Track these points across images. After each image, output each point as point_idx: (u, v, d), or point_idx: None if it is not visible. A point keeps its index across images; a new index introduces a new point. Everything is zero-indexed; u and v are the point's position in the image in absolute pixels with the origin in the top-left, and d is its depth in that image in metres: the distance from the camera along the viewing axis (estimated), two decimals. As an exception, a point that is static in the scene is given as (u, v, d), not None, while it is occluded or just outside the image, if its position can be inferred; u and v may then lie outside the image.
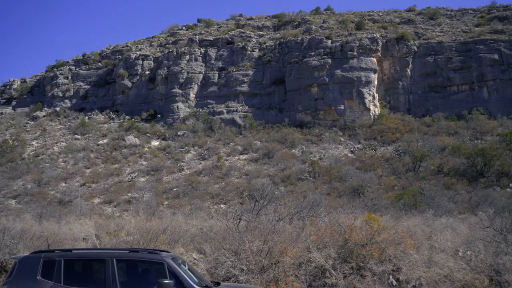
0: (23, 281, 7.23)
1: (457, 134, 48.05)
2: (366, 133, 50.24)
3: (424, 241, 14.26)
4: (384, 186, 37.84)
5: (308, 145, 49.22)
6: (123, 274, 7.54)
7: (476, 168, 38.52)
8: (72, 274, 7.45)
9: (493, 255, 12.58)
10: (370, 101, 53.30)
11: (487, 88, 54.13)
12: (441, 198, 30.05)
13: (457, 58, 55.98)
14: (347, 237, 13.41)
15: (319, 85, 54.18)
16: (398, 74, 56.30)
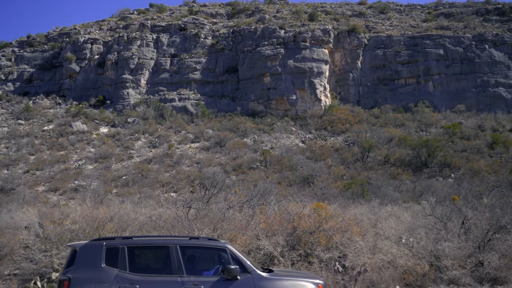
0: (87, 268, 7.17)
1: (404, 126, 49.67)
2: (317, 124, 51.03)
3: (369, 229, 14.66)
4: (333, 175, 38.60)
5: (260, 134, 49.45)
6: (186, 260, 7.57)
7: (421, 159, 39.96)
8: (137, 261, 7.46)
9: (433, 242, 13.13)
10: (321, 92, 54.10)
11: (432, 82, 56.16)
12: (387, 188, 31.02)
13: (405, 52, 57.67)
14: (295, 225, 13.59)
15: (272, 74, 54.41)
16: (349, 66, 57.40)
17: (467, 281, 12.34)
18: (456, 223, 14.63)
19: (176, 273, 7.32)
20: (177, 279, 7.28)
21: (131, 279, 7.14)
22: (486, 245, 13.13)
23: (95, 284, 7.03)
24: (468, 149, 42.76)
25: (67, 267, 7.37)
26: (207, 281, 7.40)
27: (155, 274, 7.39)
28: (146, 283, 7.17)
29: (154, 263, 7.68)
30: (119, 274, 7.14)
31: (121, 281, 7.10)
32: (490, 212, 14.17)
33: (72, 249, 7.62)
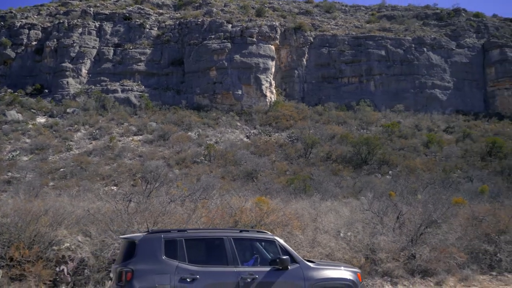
0: (148, 260, 7.33)
1: (346, 124, 50.97)
2: (262, 119, 51.37)
3: (310, 223, 14.93)
4: (276, 170, 38.99)
5: (205, 128, 49.13)
6: (240, 251, 7.84)
7: (361, 156, 41.14)
8: (194, 253, 7.64)
9: (370, 236, 13.57)
10: (267, 87, 54.50)
11: (374, 82, 58.00)
12: (328, 183, 31.74)
13: (349, 52, 59.16)
14: (237, 219, 13.62)
15: (218, 68, 54.18)
16: (295, 63, 58.17)
17: (400, 273, 12.86)
18: (391, 218, 15.18)
19: (231, 264, 7.64)
20: (233, 269, 7.59)
21: (191, 270, 7.38)
22: (418, 238, 13.73)
23: (158, 275, 7.24)
24: (405, 147, 44.49)
25: (126, 259, 7.51)
26: (261, 271, 7.72)
27: (212, 265, 7.64)
28: (206, 273, 7.44)
29: (210, 254, 7.86)
30: (179, 266, 7.37)
31: (182, 272, 7.33)
32: (423, 208, 14.82)
33: (129, 241, 7.75)
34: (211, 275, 7.47)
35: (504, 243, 14.39)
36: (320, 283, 7.95)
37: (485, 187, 28.57)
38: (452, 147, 44.80)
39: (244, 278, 7.54)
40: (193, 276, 7.33)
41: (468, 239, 14.55)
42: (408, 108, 55.83)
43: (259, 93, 53.87)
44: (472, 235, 14.74)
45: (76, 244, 13.34)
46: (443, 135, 49.48)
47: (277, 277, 7.70)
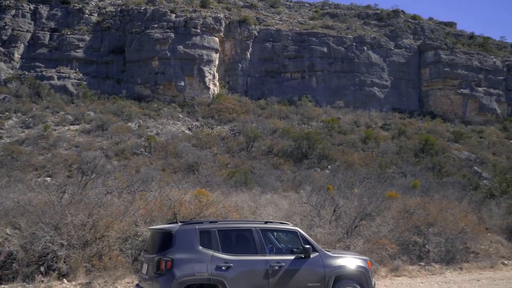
0: (185, 250, 7.72)
1: (288, 118, 51.65)
2: (205, 111, 51.01)
3: (249, 216, 15.01)
4: (218, 163, 38.92)
5: (146, 119, 48.10)
6: (266, 241, 8.39)
7: (302, 150, 41.86)
8: (227, 243, 8.05)
9: (307, 228, 13.82)
10: (210, 80, 54.13)
11: (316, 78, 59.08)
12: (269, 177, 32.11)
13: (292, 47, 59.84)
14: (176, 211, 13.43)
15: (161, 59, 53.09)
16: (239, 56, 58.13)
17: (335, 265, 13.19)
18: (328, 211, 15.55)
19: (260, 253, 8.16)
20: (262, 258, 8.11)
21: (225, 259, 7.84)
22: (353, 231, 14.16)
23: (196, 264, 7.68)
24: (344, 143, 45.75)
25: (163, 249, 7.84)
26: (286, 259, 8.29)
27: (243, 254, 8.08)
28: (238, 262, 7.91)
29: (240, 244, 8.27)
30: (214, 255, 7.81)
31: (217, 260, 7.77)
32: (358, 201, 15.29)
33: (165, 232, 8.12)
34: (243, 264, 7.96)
35: (432, 235, 15.12)
36: (337, 270, 8.57)
37: (417, 182, 29.93)
38: (388, 143, 46.59)
39: (272, 266, 8.07)
40: (227, 265, 7.80)
41: (399, 231, 15.17)
42: (348, 104, 57.37)
43: (202, 85, 53.41)
44: (403, 228, 15.39)
45: (3, 237, 12.66)
46: (380, 131, 51.31)
47: (301, 265, 8.29)
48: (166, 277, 7.53)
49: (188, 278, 7.57)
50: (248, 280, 7.91)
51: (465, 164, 43.53)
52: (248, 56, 58.35)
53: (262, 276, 7.99)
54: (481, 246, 15.93)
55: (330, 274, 8.46)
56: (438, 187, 27.79)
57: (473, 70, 64.21)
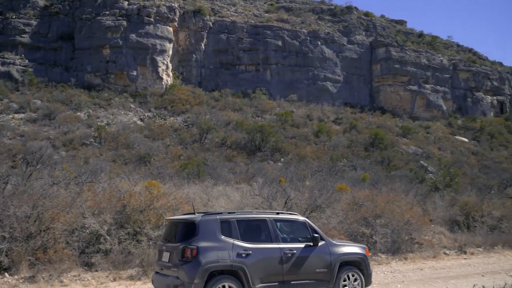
0: (209, 239, 8.15)
1: (242, 111, 51.64)
2: (157, 102, 50.19)
3: (201, 207, 14.90)
4: (171, 155, 38.45)
5: (96, 109, 46.78)
6: (279, 230, 9.02)
7: (255, 143, 41.99)
8: (245, 232, 8.56)
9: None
10: (163, 70, 53.25)
11: (270, 71, 59.32)
12: (222, 169, 32.02)
13: (247, 40, 59.76)
14: (125, 203, 13.17)
15: (112, 47, 51.63)
16: (193, 47, 57.45)
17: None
18: (280, 203, 15.68)
19: (275, 241, 8.75)
20: (277, 246, 8.70)
21: (244, 247, 8.35)
22: (304, 222, 14.32)
23: (219, 251, 8.13)
24: (297, 136, 46.26)
25: (187, 238, 8.25)
26: (298, 247, 8.90)
27: (260, 242, 8.66)
28: (256, 250, 8.45)
29: (257, 233, 8.85)
30: (235, 243, 8.30)
31: (238, 248, 8.27)
32: (309, 193, 15.50)
33: (188, 222, 8.52)
34: (261, 251, 8.51)
35: (379, 226, 15.56)
36: (341, 257, 9.32)
37: (366, 175, 30.68)
38: (339, 137, 47.51)
39: (286, 253, 8.68)
40: (246, 252, 8.32)
41: (348, 223, 15.51)
42: (301, 98, 57.99)
43: (155, 75, 52.45)
44: (352, 219, 15.75)
45: None
46: (332, 125, 52.23)
47: (310, 252, 8.97)
48: (192, 264, 7.94)
49: (213, 265, 8.02)
50: (265, 266, 8.45)
51: (412, 158, 45.04)
52: (202, 47, 57.78)
53: (277, 262, 8.57)
54: (425, 237, 16.54)
55: (336, 261, 9.18)
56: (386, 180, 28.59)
57: (422, 67, 66.43)
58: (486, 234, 18.09)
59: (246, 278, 8.15)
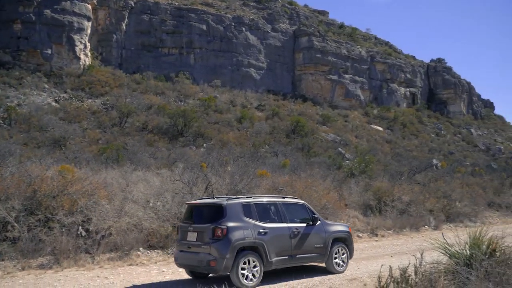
0: (235, 220, 9.31)
1: (164, 95, 50.56)
2: (74, 83, 47.74)
3: (118, 193, 14.44)
4: (88, 139, 36.85)
5: (5, 88, 43.56)
6: (286, 212, 10.38)
7: (177, 128, 41.34)
8: (261, 214, 9.89)
9: (178, 205, 13.71)
10: (81, 49, 50.68)
11: (194, 55, 58.55)
12: (143, 154, 31.20)
13: (170, 22, 58.42)
14: (36, 188, 12.44)
15: (24, 22, 48.13)
16: (113, 27, 55.19)
17: (205, 241, 13.32)
18: (200, 188, 15.59)
19: (284, 221, 10.18)
20: (286, 225, 10.14)
21: (263, 226, 9.69)
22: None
23: (244, 230, 9.33)
24: (220, 121, 46.17)
25: (216, 219, 9.31)
26: (301, 226, 10.43)
27: (273, 222, 10.02)
28: (271, 228, 9.82)
29: (270, 214, 10.15)
30: (255, 223, 9.59)
31: (257, 228, 9.57)
32: (230, 179, 15.54)
33: (216, 205, 9.61)
34: (275, 230, 9.87)
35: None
36: (333, 234, 10.97)
37: (286, 161, 31.32)
38: (262, 123, 48.05)
39: (293, 231, 10.15)
40: (264, 231, 9.63)
41: (268, 208, 15.73)
42: (225, 84, 57.89)
43: (72, 55, 49.77)
44: (272, 204, 15.98)
45: None
46: (255, 112, 52.70)
47: (310, 230, 10.50)
48: (224, 242, 9.03)
49: (240, 242, 9.19)
50: (278, 242, 9.81)
51: (331, 145, 46.68)
52: (123, 28, 55.67)
53: (287, 239, 10.01)
54: (340, 220, 17.21)
55: (329, 238, 10.81)
56: (306, 167, 29.36)
57: (342, 58, 68.78)
58: (396, 218, 19.19)
59: (265, 252, 9.46)
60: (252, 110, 53.13)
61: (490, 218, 24.47)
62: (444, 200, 23.30)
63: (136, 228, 12.64)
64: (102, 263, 11.53)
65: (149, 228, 12.73)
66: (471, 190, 28.19)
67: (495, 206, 27.19)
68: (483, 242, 7.69)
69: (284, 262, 9.94)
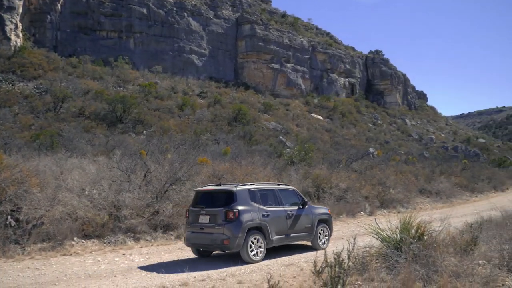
0: (243, 204, 10.66)
1: (102, 79, 48.91)
2: (4, 65, 44.99)
3: (52, 181, 13.86)
4: (20, 124, 35.06)
5: None
6: (282, 197, 11.76)
7: (116, 114, 40.20)
8: (263, 199, 11.26)
9: (115, 193, 13.36)
10: (11, 29, 47.85)
11: (134, 40, 56.96)
12: (79, 141, 30.11)
13: (109, 4, 56.43)
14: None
15: None
16: (47, 6, 52.45)
17: (143, 229, 13.09)
18: (139, 176, 15.27)
19: (281, 205, 11.61)
20: (283, 208, 11.58)
21: (265, 209, 11.07)
22: (163, 195, 14.17)
23: (251, 213, 10.67)
24: (161, 108, 45.32)
25: (228, 204, 10.55)
26: (294, 209, 11.86)
27: (272, 205, 11.41)
28: (272, 211, 11.21)
29: (269, 199, 11.48)
30: (259, 207, 10.94)
31: (262, 211, 10.94)
32: (169, 166, 15.32)
33: (227, 191, 10.83)
34: (274, 212, 11.30)
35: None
36: (318, 216, 12.50)
37: (228, 149, 31.32)
38: (203, 111, 47.68)
39: (288, 213, 11.63)
40: (267, 213, 11.05)
41: (208, 195, 15.67)
42: (166, 70, 56.85)
43: (2, 35, 46.81)
44: (212, 191, 15.94)
45: None
46: (196, 99, 52.16)
47: (301, 212, 11.97)
48: (236, 223, 10.35)
49: (249, 223, 10.55)
50: (278, 223, 11.24)
51: (273, 133, 47.15)
52: (58, 8, 53.07)
53: (284, 220, 11.46)
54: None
55: (315, 219, 12.31)
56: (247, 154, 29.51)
57: (284, 47, 69.37)
58: (333, 204, 19.70)
59: (268, 232, 10.85)
60: (193, 97, 52.55)
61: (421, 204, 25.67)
62: (379, 187, 24.18)
63: (70, 217, 12.19)
64: (33, 253, 11.05)
65: (84, 217, 12.31)
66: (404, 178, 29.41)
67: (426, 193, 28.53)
68: (412, 227, 8.06)
69: (282, 240, 11.37)
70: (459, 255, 7.83)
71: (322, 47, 77.38)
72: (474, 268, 7.23)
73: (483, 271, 7.14)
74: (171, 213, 13.61)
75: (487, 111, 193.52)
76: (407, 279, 6.67)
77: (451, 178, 32.69)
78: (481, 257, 7.98)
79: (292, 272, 9.31)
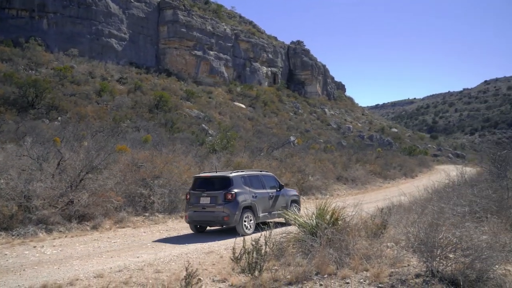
0: (238, 187, 12.86)
1: (12, 61, 45.66)
2: None
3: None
4: None
5: None
6: (265, 181, 14.31)
7: (28, 99, 37.83)
8: (252, 183, 13.62)
9: (25, 182, 12.61)
10: None
11: (47, 20, 53.64)
12: (-15, 127, 28.03)
13: (19, -19, 52.59)
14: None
15: None
16: None
17: (56, 220, 12.49)
18: (52, 164, 14.53)
19: (264, 188, 13.92)
20: (266, 191, 13.93)
21: (254, 192, 13.38)
22: (78, 184, 13.59)
23: (244, 194, 12.94)
24: (77, 93, 43.22)
25: (225, 187, 12.73)
26: (273, 191, 14.23)
27: (259, 189, 13.66)
28: (259, 193, 13.49)
29: (255, 183, 13.72)
30: (250, 190, 13.24)
31: (252, 193, 13.22)
32: (85, 154, 14.70)
33: (225, 177, 13.07)
34: (261, 194, 13.55)
35: (158, 187, 15.78)
36: (291, 197, 15.02)
37: (148, 136, 30.66)
38: (123, 97, 46.15)
39: (270, 195, 13.97)
40: (255, 195, 13.27)
41: (126, 184, 15.31)
42: (82, 53, 54.21)
43: None
44: (130, 180, 15.59)
45: None
46: (116, 85, 50.33)
47: (279, 194, 14.40)
48: (234, 203, 12.48)
49: (244, 203, 12.73)
50: (263, 203, 13.55)
51: (195, 121, 46.71)
52: (-39, -18, 48.73)
53: (267, 200, 13.80)
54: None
55: (289, 199, 14.84)
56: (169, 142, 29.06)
57: (207, 34, 68.73)
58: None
59: (256, 210, 13.13)
60: (113, 82, 50.65)
61: (338, 191, 26.79)
62: (298, 175, 24.88)
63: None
64: None
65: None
66: (322, 165, 30.48)
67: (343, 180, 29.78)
68: (328, 213, 8.36)
69: (266, 217, 13.56)
70: (370, 239, 8.26)
71: (245, 35, 77.65)
72: (383, 250, 7.67)
73: (391, 253, 7.59)
74: (87, 203, 13.09)
75: (400, 102, 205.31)
76: (321, 263, 6.94)
77: (366, 166, 34.36)
78: (390, 239, 8.46)
79: (211, 260, 9.35)
